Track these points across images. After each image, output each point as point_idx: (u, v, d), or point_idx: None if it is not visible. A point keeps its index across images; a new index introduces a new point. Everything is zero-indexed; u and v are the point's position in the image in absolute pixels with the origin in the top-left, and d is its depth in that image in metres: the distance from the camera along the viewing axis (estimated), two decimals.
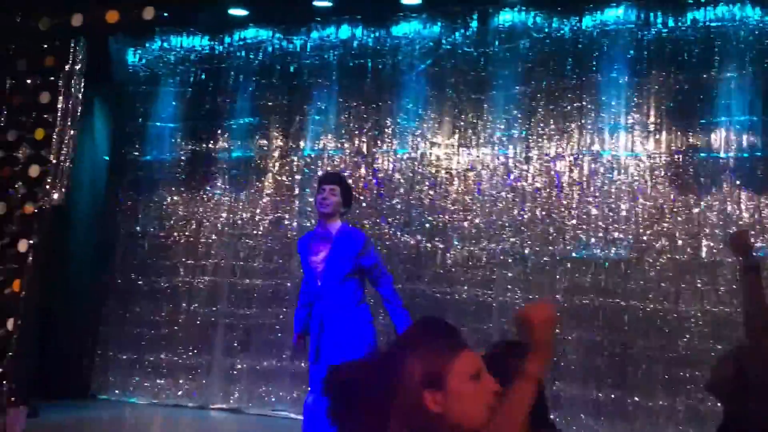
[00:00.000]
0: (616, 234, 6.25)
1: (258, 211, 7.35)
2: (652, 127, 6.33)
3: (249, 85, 7.57)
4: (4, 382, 5.93)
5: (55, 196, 6.38)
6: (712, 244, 5.98)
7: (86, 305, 7.50)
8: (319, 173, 7.20)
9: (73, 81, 6.58)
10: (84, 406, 6.97)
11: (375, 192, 7.04)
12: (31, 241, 6.23)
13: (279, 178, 7.36)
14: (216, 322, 7.23)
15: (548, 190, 6.51)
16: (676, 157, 6.22)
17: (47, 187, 6.36)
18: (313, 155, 7.30)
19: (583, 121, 6.51)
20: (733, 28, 6.16)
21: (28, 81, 6.66)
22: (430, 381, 1.63)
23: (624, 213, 6.27)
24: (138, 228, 7.65)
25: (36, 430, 3.50)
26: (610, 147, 6.42)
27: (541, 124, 6.62)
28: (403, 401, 1.63)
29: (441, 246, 6.73)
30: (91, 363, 7.46)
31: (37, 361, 6.51)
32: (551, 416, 2.42)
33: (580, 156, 6.47)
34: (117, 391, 7.34)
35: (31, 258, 6.21)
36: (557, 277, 6.33)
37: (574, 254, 6.33)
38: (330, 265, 4.20)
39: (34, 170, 6.44)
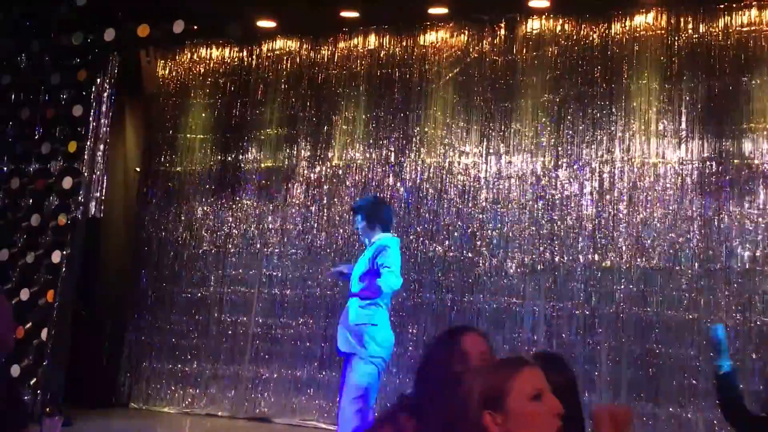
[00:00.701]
0: (647, 242, 6.16)
1: (287, 220, 7.39)
2: (683, 134, 6.23)
3: (277, 96, 7.63)
4: (39, 391, 6.03)
5: (89, 207, 6.50)
6: (745, 253, 5.86)
7: (119, 315, 7.60)
8: (347, 183, 7.23)
9: (105, 94, 6.72)
10: (117, 415, 7.05)
11: (403, 201, 7.04)
12: (65, 252, 6.36)
13: (307, 188, 7.39)
14: (246, 332, 7.27)
15: (578, 198, 6.45)
16: (708, 163, 6.12)
17: (80, 198, 6.48)
18: (341, 164, 7.32)
19: (612, 129, 6.44)
20: (764, 33, 6.06)
21: (62, 95, 6.81)
22: (489, 401, 1.57)
23: (655, 221, 6.18)
24: (169, 238, 7.73)
25: None
26: (640, 154, 6.33)
27: (570, 132, 6.56)
28: (465, 421, 1.57)
29: (470, 255, 6.70)
30: (123, 372, 7.54)
31: (71, 371, 6.61)
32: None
33: (610, 163, 6.40)
34: (149, 400, 7.41)
35: (64, 269, 6.33)
36: (587, 286, 6.26)
37: (605, 263, 6.25)
38: (357, 267, 4.86)
39: (67, 182, 6.58)
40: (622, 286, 6.12)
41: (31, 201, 6.64)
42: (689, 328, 5.87)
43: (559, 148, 6.57)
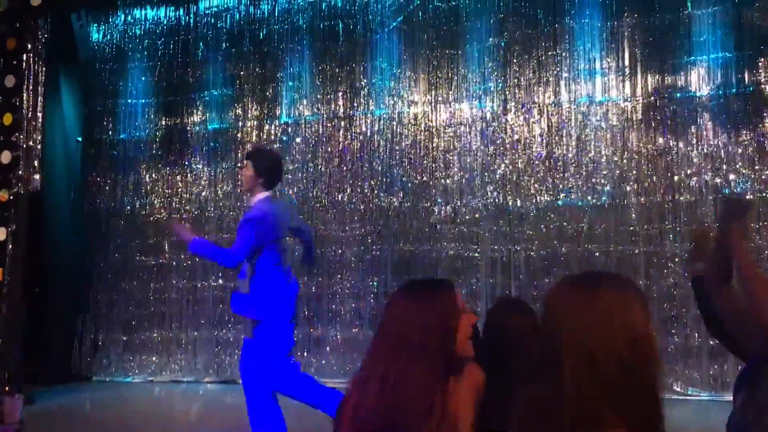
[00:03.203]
0: (596, 180, 6.28)
1: (238, 182, 7.28)
2: (627, 71, 6.31)
3: (219, 55, 7.44)
4: None
5: (30, 181, 6.28)
6: (691, 183, 6.03)
7: (72, 288, 7.44)
8: (298, 140, 7.15)
9: (36, 63, 6.44)
10: (80, 389, 6.96)
11: (355, 155, 7.00)
12: (10, 228, 6.16)
13: None
14: (204, 296, 7.22)
15: (528, 140, 6.51)
16: (652, 99, 6.22)
17: (21, 173, 6.26)
18: (290, 122, 7.22)
19: (558, 69, 6.48)
20: None
21: None
22: (448, 327, 1.92)
23: (604, 159, 6.29)
24: (118, 208, 7.56)
25: (34, 416, 3.50)
26: (586, 93, 6.40)
27: (517, 75, 6.58)
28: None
29: (425, 204, 6.73)
30: (82, 346, 7.43)
31: (28, 348, 6.47)
32: None
33: (558, 104, 6.45)
34: (112, 372, 7.33)
35: (11, 246, 6.15)
36: (541, 227, 6.37)
37: (557, 203, 6.36)
38: None
39: (5, 156, 6.33)
40: (575, 225, 6.25)
41: None
42: (642, 261, 6.04)
43: (507, 92, 6.59)
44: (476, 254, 6.51)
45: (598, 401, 1.34)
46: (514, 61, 6.59)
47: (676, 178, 6.07)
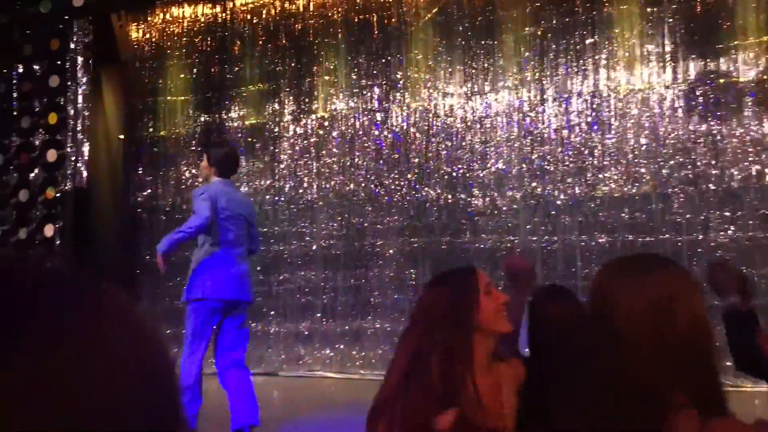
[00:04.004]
0: (637, 169, 6.19)
1: (276, 176, 7.36)
2: (668, 57, 6.20)
3: (255, 51, 7.51)
4: None
5: (75, 179, 6.44)
6: (735, 172, 5.90)
7: (116, 283, 7.58)
8: (334, 134, 7.19)
9: (79, 62, 6.58)
10: None
11: (391, 148, 7.01)
12: (57, 225, 6.33)
13: (294, 142, 7.34)
14: None
15: (566, 130, 6.44)
16: (695, 85, 6.10)
17: (67, 171, 6.42)
18: (326, 116, 7.26)
19: (597, 57, 6.39)
20: None
21: (36, 66, 6.67)
22: (464, 309, 1.93)
23: (644, 147, 6.20)
24: (160, 203, 7.70)
25: None
26: (626, 81, 6.31)
27: (554, 64, 6.51)
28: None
29: (462, 196, 6.72)
30: None
31: None
32: None
33: (596, 93, 6.37)
34: None
35: (58, 241, 6.32)
36: (580, 217, 6.31)
37: (596, 193, 6.29)
38: None
39: (51, 155, 6.50)
40: (616, 215, 6.17)
41: (17, 176, 6.57)
42: (687, 250, 5.94)
43: (544, 82, 6.53)
44: (514, 245, 6.47)
45: (664, 381, 1.33)
46: (551, 49, 6.52)
47: (719, 166, 5.95)
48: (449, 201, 6.75)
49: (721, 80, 6.03)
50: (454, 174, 6.76)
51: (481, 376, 1.95)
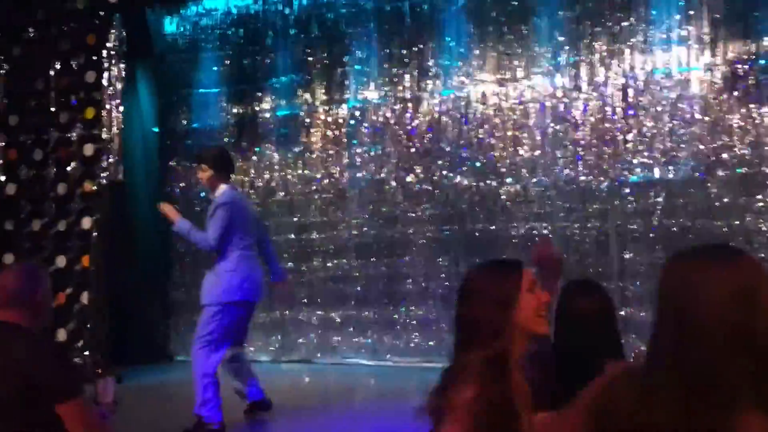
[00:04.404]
0: (675, 154, 6.05)
1: (309, 166, 7.39)
2: (707, 39, 6.03)
3: (287, 41, 7.53)
4: (86, 352, 6.22)
5: (112, 172, 6.54)
6: None
7: (154, 273, 7.73)
8: (366, 123, 7.19)
9: (114, 57, 6.66)
10: (163, 368, 7.26)
11: (423, 136, 6.98)
12: (95, 218, 6.44)
13: (326, 132, 7.36)
14: None
15: (601, 115, 6.33)
16: (735, 67, 5.92)
17: (103, 164, 6.52)
18: (358, 105, 7.26)
19: (633, 40, 6.26)
20: None
21: (73, 61, 6.77)
22: (504, 303, 1.93)
23: (682, 131, 6.06)
24: (194, 195, 7.78)
25: (123, 395, 3.67)
26: (663, 64, 6.16)
27: (590, 48, 6.39)
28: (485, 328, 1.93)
29: (494, 183, 6.66)
30: (166, 328, 7.73)
31: (115, 330, 6.78)
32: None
33: (633, 77, 6.24)
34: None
35: (95, 234, 6.43)
36: (616, 203, 6.20)
37: (633, 178, 6.17)
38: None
39: (89, 149, 6.60)
40: (653, 200, 6.05)
41: (55, 171, 6.70)
42: (724, 235, 5.79)
43: (579, 67, 6.42)
44: (546, 232, 6.40)
45: (738, 378, 1.25)
46: (587, 33, 6.40)
47: (759, 149, 5.78)
48: (481, 188, 6.70)
49: (762, 61, 5.86)
50: (487, 161, 6.70)
51: (515, 373, 1.96)
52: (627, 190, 6.16)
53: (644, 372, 1.36)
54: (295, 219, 7.36)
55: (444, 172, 6.84)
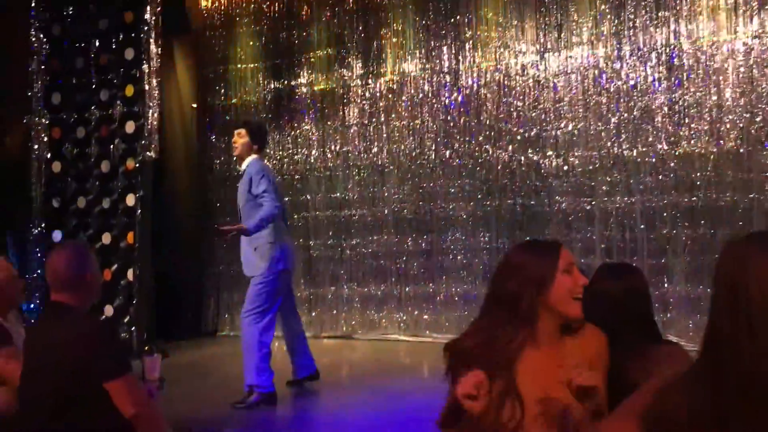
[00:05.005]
0: (721, 126, 5.89)
1: (347, 141, 7.37)
2: (755, 4, 5.82)
3: (323, 15, 7.47)
4: (133, 328, 6.36)
5: (153, 149, 6.60)
6: None
7: (196, 249, 7.83)
8: (403, 97, 7.12)
9: (153, 34, 6.69)
10: (207, 343, 7.39)
11: (462, 109, 6.90)
12: (138, 194, 6.53)
13: (364, 107, 7.32)
14: (320, 255, 7.41)
15: (645, 86, 6.17)
16: None
17: (144, 141, 6.59)
18: (395, 79, 7.19)
19: (678, 8, 6.07)
20: None
21: (112, 40, 6.82)
22: (542, 284, 1.95)
23: (729, 102, 5.88)
24: (233, 170, 7.82)
25: (169, 369, 3.77)
26: (709, 32, 5.97)
27: (632, 17, 6.21)
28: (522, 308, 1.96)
29: (534, 158, 6.57)
30: (208, 303, 7.85)
31: (159, 306, 6.92)
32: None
33: (678, 46, 6.06)
34: (235, 327, 7.70)
35: (139, 210, 6.52)
36: (660, 177, 6.07)
37: (678, 151, 6.02)
38: (238, 197, 4.97)
39: (129, 126, 6.68)
40: (698, 174, 5.91)
41: (98, 148, 6.79)
42: None
43: (621, 36, 6.26)
44: (589, 206, 6.31)
45: None
46: (629, 1, 6.23)
47: None
48: (521, 162, 6.61)
49: None
50: (527, 135, 6.61)
51: (543, 348, 1.96)
52: (672, 164, 6.03)
53: (699, 367, 1.32)
54: (334, 195, 7.37)
55: (484, 146, 6.76)
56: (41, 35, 6.94)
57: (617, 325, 2.13)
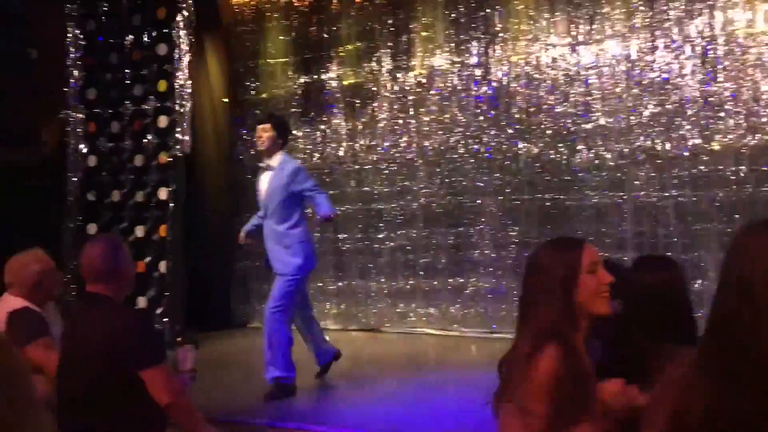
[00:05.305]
0: (757, 119, 5.77)
1: (376, 135, 7.39)
2: None
3: (352, 9, 7.48)
4: (165, 319, 6.46)
5: (185, 143, 6.69)
6: None
7: (226, 241, 7.91)
8: (432, 91, 7.11)
9: (184, 30, 6.77)
10: (237, 335, 7.48)
11: (491, 103, 6.86)
12: (171, 188, 6.63)
13: (393, 100, 7.32)
14: (349, 248, 7.44)
15: (678, 79, 6.07)
16: None
17: (177, 135, 6.68)
18: (424, 72, 7.18)
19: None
20: None
21: (145, 36, 6.92)
22: (568, 281, 1.97)
23: (766, 94, 5.76)
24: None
25: (200, 361, 3.85)
26: (744, 25, 5.85)
27: (666, 8, 6.12)
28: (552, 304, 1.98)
29: (565, 151, 6.51)
30: (238, 295, 7.94)
31: (191, 298, 7.02)
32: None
33: (712, 38, 5.95)
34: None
35: (172, 204, 6.63)
36: (694, 171, 5.98)
37: (712, 146, 5.93)
38: (269, 193, 4.93)
39: (162, 121, 6.78)
40: (733, 168, 5.81)
41: (132, 143, 6.91)
42: None
43: (654, 28, 6.16)
44: (621, 201, 6.24)
45: None
46: None
47: None
48: (552, 156, 6.56)
49: None
50: (557, 128, 6.55)
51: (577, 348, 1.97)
52: (706, 158, 5.93)
53: (700, 350, 1.30)
54: (363, 188, 7.39)
55: (513, 140, 6.73)
56: (77, 31, 7.06)
57: (655, 318, 2.12)
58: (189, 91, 6.80)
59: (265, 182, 5.04)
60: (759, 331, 1.19)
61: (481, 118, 6.89)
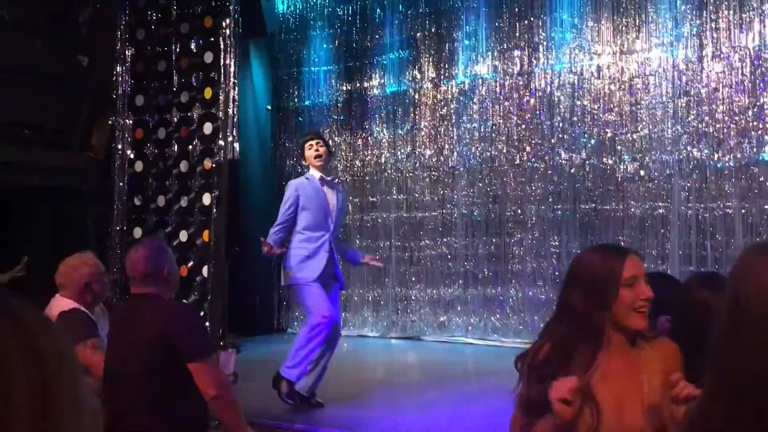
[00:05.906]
0: None
1: (418, 143, 7.40)
2: None
3: (395, 18, 7.52)
4: (207, 323, 6.55)
5: (229, 149, 6.78)
6: None
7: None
8: (475, 99, 7.09)
9: (230, 38, 6.87)
10: (277, 340, 7.54)
11: (534, 112, 6.82)
12: (214, 194, 6.72)
13: (435, 109, 7.33)
14: (389, 256, 7.46)
15: (727, 89, 5.95)
16: None
17: (221, 142, 6.78)
18: (467, 81, 7.17)
19: (763, 7, 5.83)
20: None
21: (192, 44, 7.05)
22: (604, 293, 1.94)
23: None
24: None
25: (241, 365, 3.91)
26: None
27: (714, 17, 6.00)
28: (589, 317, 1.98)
29: (609, 161, 6.43)
30: (278, 301, 8.02)
31: (232, 303, 7.10)
32: None
33: (763, 47, 5.82)
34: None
35: (215, 210, 6.72)
36: (742, 182, 5.85)
37: (761, 156, 5.78)
38: (341, 209, 5.04)
39: (207, 128, 6.88)
40: None
41: (177, 149, 7.03)
42: None
43: (702, 37, 6.05)
44: (665, 211, 6.13)
45: None
46: (711, 1, 6.02)
47: None
48: (596, 166, 6.48)
49: None
50: (602, 138, 6.47)
51: (615, 357, 1.96)
52: (756, 170, 5.79)
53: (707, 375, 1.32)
54: (404, 197, 7.41)
55: (556, 149, 6.67)
56: (126, 40, 7.23)
57: (705, 335, 2.08)
58: (234, 98, 6.90)
59: (330, 196, 5.04)
60: (744, 350, 1.21)
61: (524, 126, 6.84)
